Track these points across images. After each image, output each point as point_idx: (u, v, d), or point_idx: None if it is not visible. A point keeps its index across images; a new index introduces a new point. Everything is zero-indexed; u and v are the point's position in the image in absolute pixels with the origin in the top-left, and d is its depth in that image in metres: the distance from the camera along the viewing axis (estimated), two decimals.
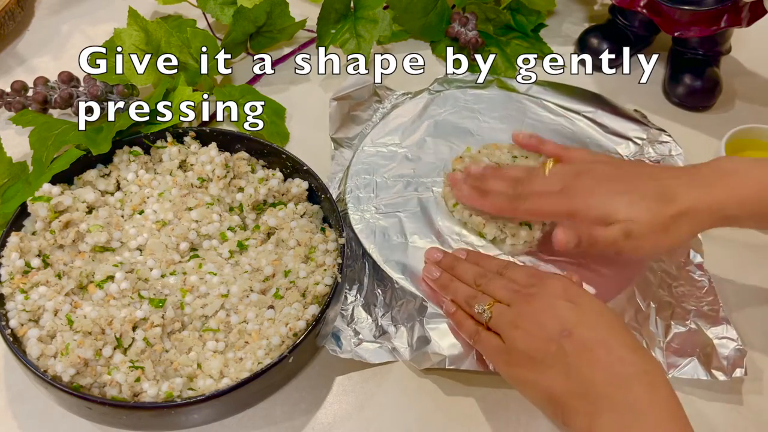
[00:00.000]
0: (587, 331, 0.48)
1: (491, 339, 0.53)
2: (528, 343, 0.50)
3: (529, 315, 0.51)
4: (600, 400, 0.46)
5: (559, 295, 0.51)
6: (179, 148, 0.68)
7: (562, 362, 0.48)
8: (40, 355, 0.54)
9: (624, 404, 0.45)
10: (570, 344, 0.48)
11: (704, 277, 0.64)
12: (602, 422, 0.45)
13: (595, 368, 0.47)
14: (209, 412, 0.54)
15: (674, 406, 0.46)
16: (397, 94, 0.80)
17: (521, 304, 0.52)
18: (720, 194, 0.54)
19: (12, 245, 0.60)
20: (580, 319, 0.49)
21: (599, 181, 0.57)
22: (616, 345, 0.48)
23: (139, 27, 0.75)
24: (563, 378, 0.48)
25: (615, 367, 0.47)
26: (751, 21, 0.76)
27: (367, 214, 0.67)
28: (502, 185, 0.63)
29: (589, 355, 0.47)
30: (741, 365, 0.58)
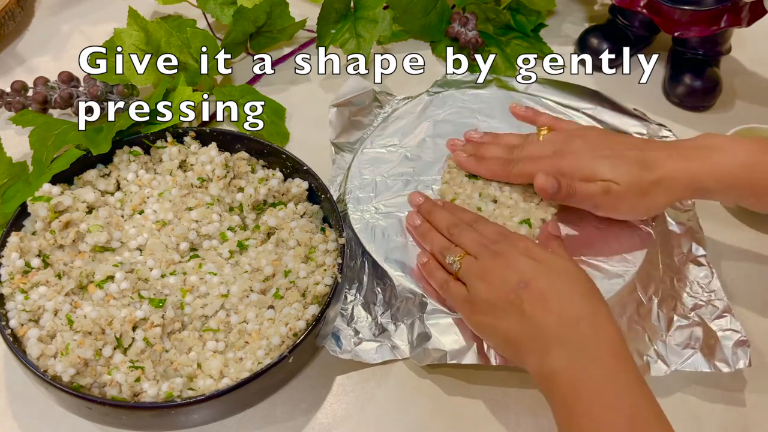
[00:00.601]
0: (543, 283, 0.53)
1: (459, 288, 0.57)
2: (490, 294, 0.54)
3: (494, 269, 0.55)
4: (550, 339, 0.50)
5: (522, 253, 0.55)
6: (179, 148, 0.68)
7: (518, 309, 0.52)
8: (40, 355, 0.54)
9: (571, 341, 0.50)
10: (526, 294, 0.52)
11: (706, 269, 0.64)
12: (552, 358, 0.50)
13: (547, 313, 0.51)
14: (209, 412, 0.54)
15: (617, 342, 0.50)
16: (397, 99, 0.80)
17: (487, 259, 0.56)
18: (698, 167, 0.58)
19: (12, 245, 0.60)
20: (538, 273, 0.53)
21: (588, 146, 0.61)
22: (568, 292, 0.52)
23: (139, 27, 0.75)
24: (519, 323, 0.52)
25: (565, 311, 0.51)
26: (751, 21, 0.76)
27: (367, 213, 0.67)
28: (498, 150, 0.67)
29: (543, 303, 0.52)
30: (745, 357, 0.58)
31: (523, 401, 0.59)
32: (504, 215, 0.64)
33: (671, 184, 0.58)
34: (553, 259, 0.55)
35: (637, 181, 0.58)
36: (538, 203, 0.65)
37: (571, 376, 0.49)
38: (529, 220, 0.64)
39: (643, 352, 0.59)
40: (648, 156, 0.59)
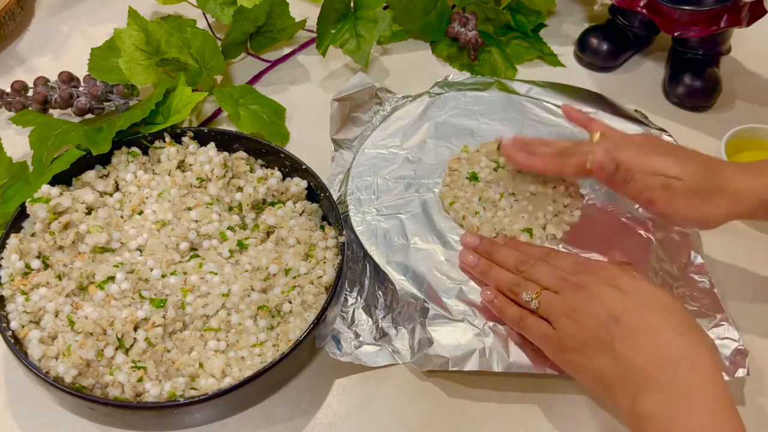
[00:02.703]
0: (634, 317, 0.50)
1: (541, 326, 0.54)
2: (578, 331, 0.51)
3: (578, 303, 0.52)
4: (644, 381, 0.47)
5: (607, 283, 0.52)
6: (177, 148, 0.68)
7: (609, 347, 0.49)
8: (41, 357, 0.54)
9: (668, 385, 0.46)
10: (617, 330, 0.49)
11: (705, 278, 0.64)
12: (646, 401, 0.46)
13: (641, 352, 0.48)
14: (212, 411, 0.54)
15: (719, 390, 0.46)
16: (397, 97, 0.80)
17: (569, 292, 0.53)
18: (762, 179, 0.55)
19: (12, 247, 0.60)
20: (627, 305, 0.50)
21: (650, 145, 0.59)
22: (663, 329, 0.49)
23: (139, 27, 0.75)
24: (611, 362, 0.49)
25: (660, 350, 0.48)
26: (751, 21, 0.76)
27: (368, 216, 0.67)
28: (550, 149, 0.64)
29: (635, 340, 0.49)
30: (743, 365, 0.58)
31: (524, 404, 0.59)
32: (503, 222, 0.64)
33: (737, 196, 0.55)
34: (642, 288, 0.52)
35: (704, 182, 0.55)
36: (551, 219, 0.65)
37: (665, 421, 0.45)
38: (531, 230, 0.63)
39: None
40: (716, 163, 0.57)
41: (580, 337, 0.51)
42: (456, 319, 0.59)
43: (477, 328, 0.58)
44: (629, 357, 0.48)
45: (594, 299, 0.52)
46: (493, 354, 0.57)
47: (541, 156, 0.64)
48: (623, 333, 0.49)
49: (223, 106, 0.76)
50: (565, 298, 0.53)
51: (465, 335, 0.58)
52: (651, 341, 0.48)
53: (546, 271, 0.56)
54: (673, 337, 0.48)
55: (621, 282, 0.52)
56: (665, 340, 0.48)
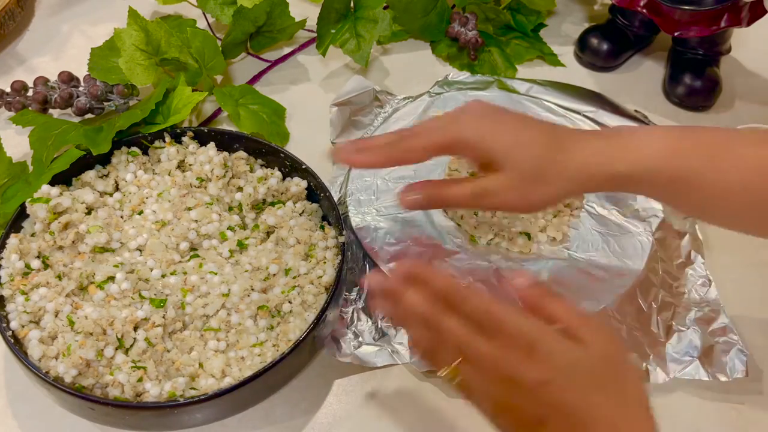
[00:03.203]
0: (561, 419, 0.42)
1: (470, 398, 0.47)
2: (504, 422, 0.45)
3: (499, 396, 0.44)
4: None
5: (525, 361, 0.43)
6: (177, 148, 0.68)
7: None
8: (41, 357, 0.54)
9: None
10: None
11: (705, 277, 0.64)
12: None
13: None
14: (212, 411, 0.54)
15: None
16: (398, 99, 0.80)
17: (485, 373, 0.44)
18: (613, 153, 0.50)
19: (11, 247, 0.60)
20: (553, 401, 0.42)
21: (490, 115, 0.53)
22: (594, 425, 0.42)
23: (139, 27, 0.75)
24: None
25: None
26: (751, 21, 0.76)
27: (368, 216, 0.67)
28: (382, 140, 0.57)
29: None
30: (742, 366, 0.58)
31: None
32: (502, 223, 0.64)
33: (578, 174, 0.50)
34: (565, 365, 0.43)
35: (531, 160, 0.50)
36: (551, 219, 0.64)
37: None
38: (529, 234, 0.63)
39: (642, 359, 0.59)
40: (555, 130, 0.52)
41: (509, 429, 0.44)
42: None
43: None
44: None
45: (513, 395, 0.43)
46: None
47: (374, 146, 0.55)
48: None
49: (223, 106, 0.76)
50: (484, 384, 0.44)
51: None
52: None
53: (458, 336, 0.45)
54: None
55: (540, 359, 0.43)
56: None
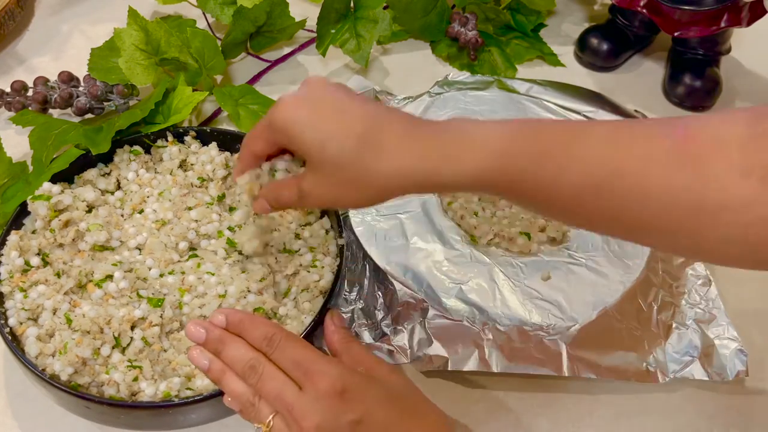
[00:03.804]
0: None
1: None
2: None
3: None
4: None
5: (336, 405, 0.45)
6: (179, 147, 0.68)
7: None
8: (38, 354, 0.54)
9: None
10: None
11: (705, 277, 0.64)
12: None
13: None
14: (207, 411, 0.54)
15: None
16: (398, 99, 0.80)
17: (299, 427, 0.46)
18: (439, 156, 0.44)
19: (12, 244, 0.60)
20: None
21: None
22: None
23: (139, 27, 0.75)
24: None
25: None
26: (751, 21, 0.76)
27: (368, 216, 0.66)
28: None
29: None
30: (742, 366, 0.58)
31: (524, 403, 0.59)
32: (502, 223, 0.64)
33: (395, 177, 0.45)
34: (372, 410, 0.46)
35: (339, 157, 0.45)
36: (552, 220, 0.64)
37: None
38: (529, 234, 0.63)
39: (642, 359, 0.58)
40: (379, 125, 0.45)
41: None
42: (455, 319, 0.59)
43: (476, 328, 0.58)
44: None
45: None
46: (493, 354, 0.57)
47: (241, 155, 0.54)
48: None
49: (223, 106, 0.76)
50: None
51: (464, 335, 0.58)
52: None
53: (271, 388, 0.47)
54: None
55: (350, 401, 0.46)
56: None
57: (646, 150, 0.41)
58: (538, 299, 0.60)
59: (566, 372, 0.56)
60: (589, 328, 0.58)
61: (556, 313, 0.59)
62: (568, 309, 0.59)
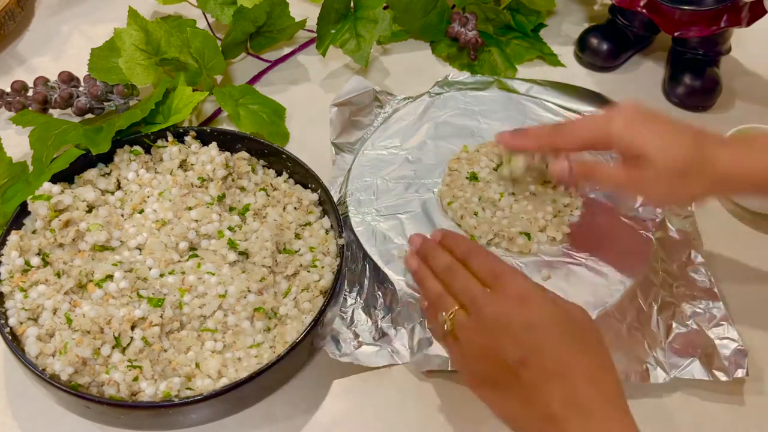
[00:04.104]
0: (543, 360, 0.47)
1: (456, 349, 0.52)
2: (485, 366, 0.49)
3: (485, 331, 0.49)
4: (556, 424, 0.46)
5: (516, 307, 0.49)
6: (180, 147, 0.68)
7: (519, 392, 0.48)
8: (38, 354, 0.54)
9: (580, 427, 0.45)
10: (526, 374, 0.47)
11: (705, 277, 0.64)
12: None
13: (552, 400, 0.46)
14: (207, 411, 0.54)
15: (625, 413, 0.47)
16: (398, 99, 0.80)
17: (477, 316, 0.50)
18: (754, 156, 0.54)
19: (12, 244, 0.60)
20: (537, 344, 0.48)
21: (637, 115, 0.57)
22: (574, 375, 0.47)
23: (139, 27, 0.75)
24: (522, 406, 0.48)
25: (571, 397, 0.46)
26: (751, 21, 0.76)
27: (368, 216, 0.66)
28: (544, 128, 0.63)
29: (546, 388, 0.46)
30: (742, 365, 0.58)
31: None
32: (502, 223, 0.64)
33: (723, 178, 0.54)
34: (550, 311, 0.49)
35: (685, 164, 0.54)
36: (551, 220, 0.64)
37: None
38: (529, 234, 0.63)
39: (642, 359, 0.59)
40: (703, 139, 0.55)
41: (488, 373, 0.49)
42: None
43: None
44: (541, 404, 0.46)
45: (501, 330, 0.49)
46: None
47: (533, 132, 0.62)
48: (532, 377, 0.47)
49: (223, 106, 0.76)
50: (473, 321, 0.51)
51: None
52: (561, 387, 0.46)
53: (461, 284, 0.53)
54: (583, 382, 0.46)
55: (532, 307, 0.49)
56: (576, 385, 0.46)
57: None
58: None
59: None
60: None
61: None
62: None
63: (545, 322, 0.49)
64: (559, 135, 0.60)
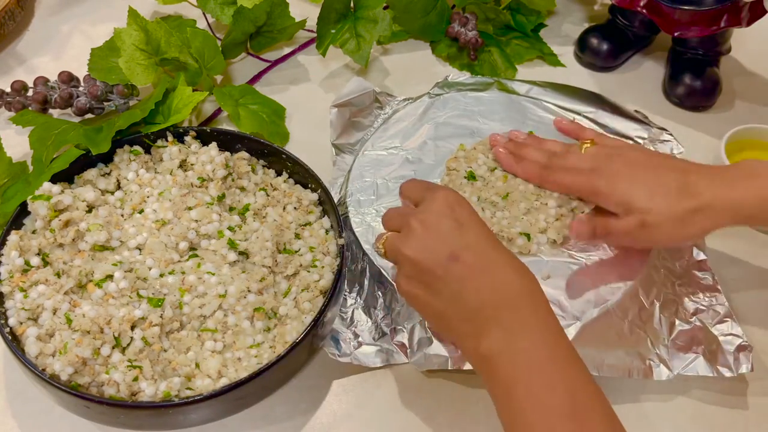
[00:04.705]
0: (472, 256, 0.50)
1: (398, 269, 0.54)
2: (417, 266, 0.51)
3: (415, 239, 0.52)
4: (487, 322, 0.48)
5: (446, 213, 0.52)
6: (180, 147, 0.68)
7: (450, 287, 0.50)
8: (38, 354, 0.54)
9: (510, 323, 0.48)
10: (457, 268, 0.49)
11: (708, 274, 0.64)
12: (489, 341, 0.48)
13: (482, 293, 0.49)
14: (207, 411, 0.54)
15: (552, 319, 0.49)
16: (398, 100, 0.80)
17: (408, 228, 0.53)
18: (741, 193, 0.55)
19: (12, 243, 0.60)
20: (466, 242, 0.50)
21: (627, 167, 0.59)
22: (501, 268, 0.50)
23: (139, 27, 0.75)
24: (453, 303, 0.50)
25: (500, 290, 0.49)
26: (751, 21, 0.76)
27: (368, 216, 0.66)
28: (538, 155, 0.66)
29: (476, 280, 0.49)
30: (747, 361, 0.58)
31: None
32: (501, 223, 0.64)
33: (714, 211, 0.55)
34: (475, 219, 0.53)
35: (675, 210, 0.55)
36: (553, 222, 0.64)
37: (510, 358, 0.47)
38: (529, 235, 0.63)
39: (645, 356, 0.58)
40: (689, 180, 0.56)
41: (420, 273, 0.51)
42: None
43: None
44: (470, 298, 0.49)
45: (431, 239, 0.51)
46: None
47: (526, 164, 0.65)
48: (462, 271, 0.49)
49: (223, 106, 0.76)
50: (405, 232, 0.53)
51: None
52: (491, 281, 0.49)
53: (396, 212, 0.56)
54: (511, 274, 0.50)
55: (459, 213, 0.52)
56: (504, 278, 0.49)
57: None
58: None
59: None
60: (591, 325, 0.58)
61: (557, 312, 0.58)
62: (569, 307, 0.59)
63: (472, 222, 0.52)
64: (553, 176, 0.63)
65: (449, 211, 0.52)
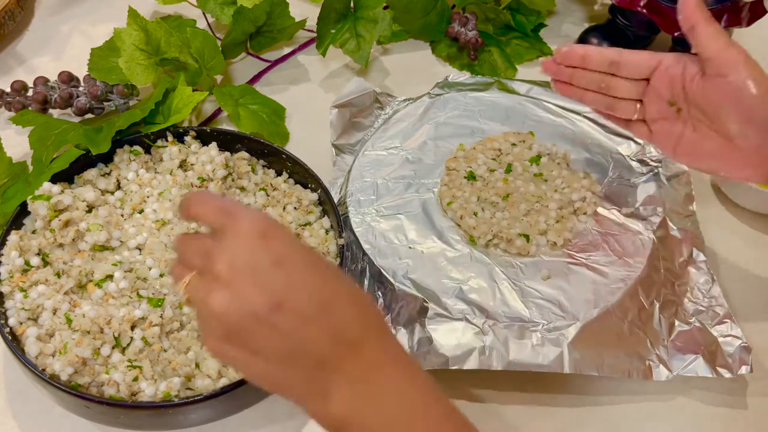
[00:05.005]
0: (301, 298, 0.40)
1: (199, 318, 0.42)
2: (228, 325, 0.39)
3: (224, 286, 0.39)
4: (331, 377, 0.40)
5: (258, 248, 0.40)
6: (180, 147, 0.68)
7: (278, 345, 0.39)
8: (38, 354, 0.54)
9: (358, 372, 0.40)
10: (283, 320, 0.39)
11: (707, 275, 0.64)
12: (339, 399, 0.40)
13: (319, 343, 0.40)
14: (207, 411, 0.54)
15: (402, 355, 0.43)
16: (398, 100, 0.80)
17: (211, 272, 0.40)
18: None
19: (12, 244, 0.60)
20: (289, 282, 0.40)
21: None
22: (338, 305, 0.41)
23: (139, 27, 0.75)
24: (284, 363, 0.40)
25: (341, 334, 0.40)
26: (751, 21, 0.76)
27: (368, 216, 0.66)
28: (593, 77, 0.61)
29: (309, 329, 0.40)
30: (746, 362, 0.58)
31: (524, 404, 0.59)
32: (501, 224, 0.64)
33: None
34: (298, 251, 0.41)
35: None
36: (553, 224, 0.64)
37: (363, 414, 0.40)
38: (528, 236, 0.63)
39: (645, 356, 0.58)
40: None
41: (236, 332, 0.40)
42: (455, 318, 0.59)
43: (476, 327, 0.58)
44: (306, 350, 0.39)
45: (243, 286, 0.39)
46: (493, 352, 0.57)
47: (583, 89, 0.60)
48: (291, 322, 0.39)
49: (223, 106, 0.76)
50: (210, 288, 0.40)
51: (464, 334, 0.58)
52: (326, 323, 0.40)
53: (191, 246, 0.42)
54: (351, 312, 0.41)
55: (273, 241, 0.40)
56: (340, 318, 0.40)
57: None
58: (539, 298, 0.60)
59: (567, 369, 0.56)
60: (590, 325, 0.58)
61: (556, 312, 0.59)
62: (569, 307, 0.59)
63: (293, 251, 0.41)
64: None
65: (262, 244, 0.40)
